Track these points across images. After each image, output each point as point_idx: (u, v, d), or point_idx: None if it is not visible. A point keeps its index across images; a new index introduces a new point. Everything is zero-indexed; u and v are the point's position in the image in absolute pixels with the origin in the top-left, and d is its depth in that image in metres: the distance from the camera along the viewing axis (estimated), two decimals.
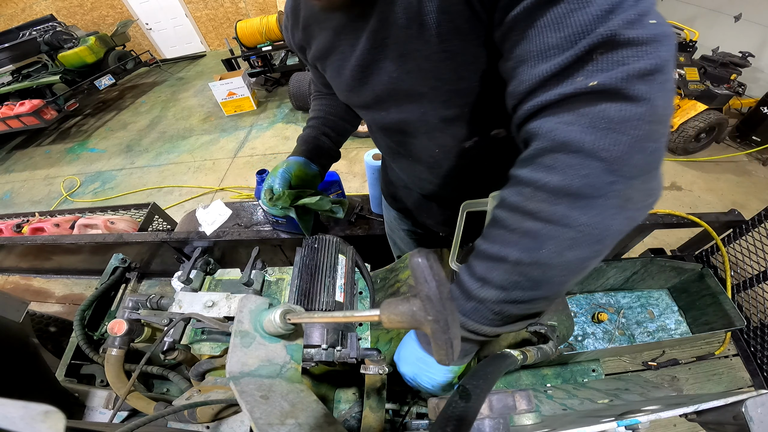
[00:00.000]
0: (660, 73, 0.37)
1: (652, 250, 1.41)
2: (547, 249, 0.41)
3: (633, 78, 0.37)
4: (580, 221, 0.39)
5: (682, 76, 3.18)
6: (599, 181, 0.38)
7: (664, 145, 0.39)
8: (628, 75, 0.37)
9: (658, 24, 0.37)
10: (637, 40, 0.37)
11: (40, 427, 0.24)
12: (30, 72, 5.52)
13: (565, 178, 0.39)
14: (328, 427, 0.44)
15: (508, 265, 0.44)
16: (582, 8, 0.38)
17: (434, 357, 0.32)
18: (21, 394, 0.78)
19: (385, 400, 0.74)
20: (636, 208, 0.40)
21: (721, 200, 2.98)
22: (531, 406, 0.45)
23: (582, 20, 0.38)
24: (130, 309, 0.85)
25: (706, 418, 0.50)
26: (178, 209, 3.47)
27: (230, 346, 0.44)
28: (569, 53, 0.39)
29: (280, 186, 0.79)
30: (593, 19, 0.38)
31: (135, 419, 0.67)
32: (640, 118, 0.37)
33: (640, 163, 0.38)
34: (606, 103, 0.38)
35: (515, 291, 0.45)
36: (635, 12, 0.37)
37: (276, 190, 0.79)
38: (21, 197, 4.23)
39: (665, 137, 0.39)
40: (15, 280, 1.66)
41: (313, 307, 0.77)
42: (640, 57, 0.37)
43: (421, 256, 0.30)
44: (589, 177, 0.38)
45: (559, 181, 0.39)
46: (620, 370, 1.16)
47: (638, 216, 0.41)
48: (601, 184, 0.38)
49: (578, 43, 0.38)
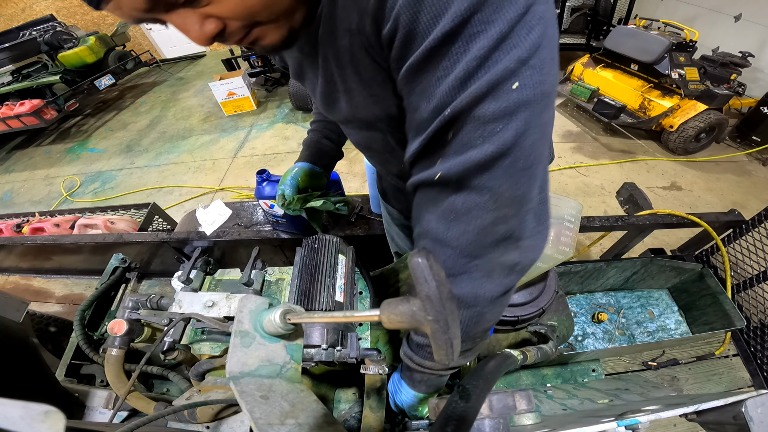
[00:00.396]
0: (504, 157, 0.39)
1: (652, 250, 1.41)
2: None
3: (474, 169, 0.39)
4: (454, 292, 0.45)
5: (682, 76, 3.18)
6: (457, 264, 0.44)
7: (519, 222, 0.43)
8: (469, 166, 0.39)
9: (521, 87, 0.37)
10: (486, 117, 0.38)
11: (40, 427, 0.24)
12: (30, 72, 5.51)
13: None
14: (328, 427, 0.44)
15: None
16: (445, 76, 0.39)
17: (434, 357, 0.32)
18: (21, 394, 0.78)
19: (385, 400, 0.74)
20: (504, 275, 0.46)
21: (721, 200, 2.97)
22: (531, 406, 0.45)
23: (443, 90, 0.39)
24: (130, 309, 0.85)
25: (706, 418, 0.50)
26: (178, 209, 3.47)
27: (230, 346, 0.44)
28: (430, 130, 0.42)
29: (290, 192, 0.90)
30: (451, 90, 0.39)
31: (135, 419, 0.67)
32: (483, 208, 0.40)
33: (491, 244, 0.42)
34: (453, 194, 0.42)
35: None
36: (493, 78, 0.37)
37: (288, 195, 0.90)
38: (21, 197, 4.23)
39: (519, 216, 0.42)
40: (15, 280, 1.66)
41: (313, 307, 0.77)
42: (485, 139, 0.38)
43: (421, 256, 0.30)
44: (447, 261, 0.45)
45: None
46: (620, 370, 1.16)
47: (511, 280, 0.47)
48: (459, 266, 0.44)
49: (437, 118, 0.41)
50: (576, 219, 0.69)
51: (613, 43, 3.65)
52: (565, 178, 3.32)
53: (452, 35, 0.37)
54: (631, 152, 3.55)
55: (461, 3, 0.35)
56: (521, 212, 0.42)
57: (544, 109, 0.40)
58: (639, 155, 3.50)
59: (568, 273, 1.17)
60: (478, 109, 0.37)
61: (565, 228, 0.67)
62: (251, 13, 0.43)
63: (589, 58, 4.02)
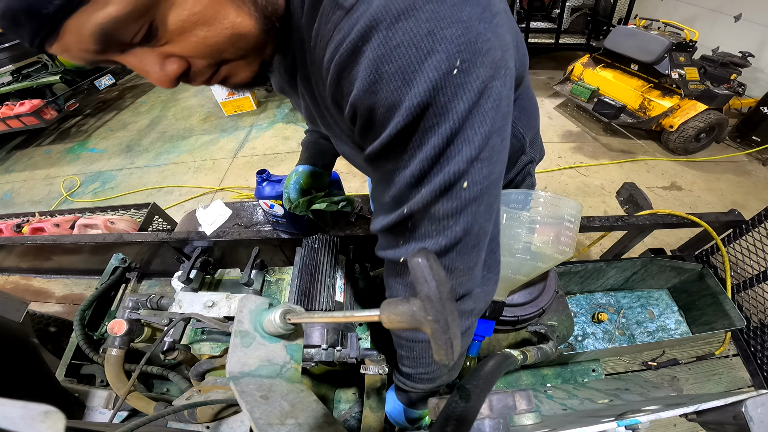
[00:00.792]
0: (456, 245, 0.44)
1: (652, 250, 1.40)
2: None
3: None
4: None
5: (683, 76, 3.18)
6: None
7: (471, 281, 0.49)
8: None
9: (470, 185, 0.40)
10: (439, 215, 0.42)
11: (40, 427, 0.24)
12: (30, 72, 5.50)
13: None
14: (328, 427, 0.44)
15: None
16: (403, 168, 0.41)
17: (434, 357, 0.32)
18: (21, 394, 0.78)
19: (385, 400, 0.74)
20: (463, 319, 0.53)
21: (721, 200, 2.97)
22: (531, 406, 0.45)
23: (401, 184, 0.42)
24: (130, 309, 0.85)
25: (706, 418, 0.50)
26: (178, 209, 3.47)
27: (230, 346, 0.44)
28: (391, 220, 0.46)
29: (295, 195, 0.93)
30: (408, 187, 0.42)
31: (135, 419, 0.67)
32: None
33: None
34: None
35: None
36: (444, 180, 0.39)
37: (293, 199, 0.93)
38: (21, 197, 4.22)
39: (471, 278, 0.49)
40: (15, 280, 1.66)
41: (313, 307, 0.77)
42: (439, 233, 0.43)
43: (421, 256, 0.30)
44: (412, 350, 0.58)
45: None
46: (620, 370, 1.16)
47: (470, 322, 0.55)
48: None
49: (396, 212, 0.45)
50: (576, 219, 0.69)
51: (613, 43, 3.65)
52: (565, 178, 3.32)
53: (406, 129, 0.38)
54: (631, 152, 3.55)
55: (414, 96, 0.35)
56: (473, 275, 0.49)
57: (492, 194, 0.43)
58: (639, 155, 3.50)
59: (568, 273, 1.17)
60: (432, 209, 0.41)
61: (565, 228, 0.67)
62: (216, 51, 0.40)
63: (589, 58, 4.02)
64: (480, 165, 0.39)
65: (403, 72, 0.35)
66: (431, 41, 0.34)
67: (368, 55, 0.35)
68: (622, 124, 3.57)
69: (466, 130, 0.37)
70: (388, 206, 0.46)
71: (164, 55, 0.39)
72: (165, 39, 0.37)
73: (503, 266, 0.66)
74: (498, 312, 0.70)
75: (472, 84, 0.36)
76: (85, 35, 0.33)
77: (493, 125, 0.39)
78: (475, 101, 0.36)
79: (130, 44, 0.37)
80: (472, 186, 0.40)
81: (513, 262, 0.67)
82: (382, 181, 0.46)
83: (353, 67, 0.37)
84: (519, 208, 0.67)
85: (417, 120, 0.37)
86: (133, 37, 0.36)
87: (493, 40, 0.36)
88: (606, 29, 4.55)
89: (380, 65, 0.35)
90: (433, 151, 0.38)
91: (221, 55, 0.41)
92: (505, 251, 0.66)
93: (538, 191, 0.68)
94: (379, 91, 0.36)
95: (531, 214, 0.67)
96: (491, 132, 0.39)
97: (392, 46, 0.34)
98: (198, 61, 0.41)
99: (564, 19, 4.66)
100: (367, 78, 0.36)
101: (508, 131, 0.43)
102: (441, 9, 0.34)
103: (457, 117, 0.36)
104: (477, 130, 0.38)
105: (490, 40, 0.36)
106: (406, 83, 0.35)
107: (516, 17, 4.71)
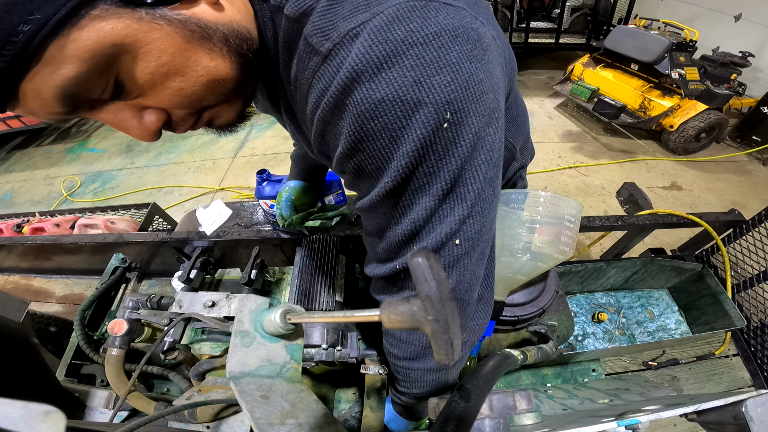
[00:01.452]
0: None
1: (652, 250, 1.40)
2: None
3: None
4: None
5: (683, 75, 3.18)
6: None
7: (464, 318, 0.48)
8: None
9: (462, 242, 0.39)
10: None
11: (41, 427, 0.24)
12: None
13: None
14: (328, 427, 0.44)
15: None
16: (395, 225, 0.40)
17: (435, 357, 0.32)
18: (21, 394, 0.78)
19: (385, 400, 0.74)
20: None
21: (721, 200, 2.97)
22: (531, 406, 0.45)
23: (393, 240, 0.41)
24: (130, 309, 0.85)
25: (706, 418, 0.50)
26: (178, 209, 3.47)
27: (230, 346, 0.44)
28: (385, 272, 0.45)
29: (288, 213, 0.94)
30: (399, 244, 0.41)
31: (135, 419, 0.67)
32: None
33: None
34: None
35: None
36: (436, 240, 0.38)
37: (286, 216, 0.94)
38: (21, 197, 4.22)
39: (464, 316, 0.48)
40: (15, 280, 1.66)
41: (313, 307, 0.77)
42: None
43: (421, 256, 0.30)
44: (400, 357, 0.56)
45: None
46: (620, 370, 1.16)
47: (463, 353, 0.55)
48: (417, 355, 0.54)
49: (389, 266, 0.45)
50: (576, 219, 0.69)
51: (613, 43, 3.64)
52: (565, 177, 3.32)
53: (396, 191, 0.36)
54: (631, 152, 3.55)
55: (402, 158, 0.33)
56: (467, 313, 0.48)
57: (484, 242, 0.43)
58: (639, 155, 3.50)
59: (568, 273, 1.17)
60: None
61: (565, 228, 0.67)
62: (195, 100, 0.37)
63: (589, 58, 4.02)
64: (472, 221, 0.38)
65: (389, 129, 0.32)
66: (418, 92, 0.31)
67: (351, 111, 0.32)
68: (622, 124, 3.57)
69: (458, 189, 0.36)
70: (380, 257, 0.46)
71: (140, 107, 0.36)
72: (136, 92, 0.34)
73: (503, 266, 0.66)
74: (498, 312, 0.70)
75: (465, 137, 0.33)
76: (47, 98, 0.31)
77: (486, 177, 0.37)
78: (467, 156, 0.34)
79: (99, 101, 0.34)
80: (464, 242, 0.39)
81: (513, 262, 0.67)
82: (373, 234, 0.45)
83: (337, 122, 0.35)
84: (519, 207, 0.67)
85: (406, 180, 0.35)
86: (100, 94, 0.33)
87: (486, 82, 0.33)
88: (606, 29, 4.54)
89: (365, 123, 0.32)
90: (424, 212, 0.36)
91: (201, 103, 0.39)
92: (505, 251, 0.66)
93: (538, 191, 0.68)
94: (366, 149, 0.34)
95: (531, 214, 0.67)
96: (484, 186, 0.37)
97: (376, 101, 0.31)
98: (177, 111, 0.38)
99: (564, 18, 4.66)
100: (352, 136, 0.34)
101: (499, 178, 0.41)
102: (427, 53, 0.30)
103: (448, 177, 0.34)
104: (470, 188, 0.36)
105: (482, 82, 0.33)
106: (394, 142, 0.33)
107: (516, 17, 4.71)
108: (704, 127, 3.19)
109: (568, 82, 4.14)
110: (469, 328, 0.52)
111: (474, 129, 0.33)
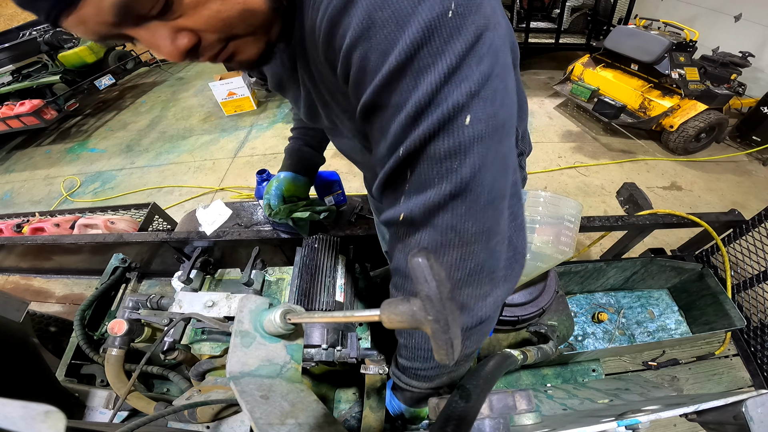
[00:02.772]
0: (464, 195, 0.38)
1: (652, 250, 1.40)
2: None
3: (435, 209, 0.39)
4: None
5: (683, 75, 3.18)
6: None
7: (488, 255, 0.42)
8: (429, 207, 0.39)
9: (473, 121, 0.36)
10: (440, 155, 0.37)
11: (41, 427, 0.24)
12: (30, 72, 5.50)
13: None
14: (328, 427, 0.44)
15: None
16: (397, 113, 0.38)
17: (435, 357, 0.32)
18: (21, 394, 0.78)
19: (385, 400, 0.74)
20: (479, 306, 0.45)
21: (721, 200, 2.97)
22: (531, 406, 0.45)
23: (396, 129, 0.39)
24: (130, 309, 0.85)
25: (706, 418, 0.50)
26: (178, 209, 3.47)
27: (230, 346, 0.44)
28: (387, 169, 0.42)
29: (276, 202, 0.94)
30: (403, 128, 0.38)
31: (135, 419, 0.67)
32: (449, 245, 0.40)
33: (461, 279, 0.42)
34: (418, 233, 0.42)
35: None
36: (443, 114, 0.36)
37: (273, 206, 0.94)
38: (21, 197, 4.22)
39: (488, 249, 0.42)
40: (15, 280, 1.66)
41: (313, 307, 0.77)
42: (442, 177, 0.38)
43: (421, 256, 0.30)
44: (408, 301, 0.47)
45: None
46: (620, 370, 1.16)
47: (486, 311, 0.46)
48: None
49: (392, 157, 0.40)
50: (576, 219, 0.69)
51: (613, 43, 3.65)
52: (565, 178, 3.32)
53: (401, 70, 0.36)
54: (631, 152, 3.55)
55: (408, 37, 0.34)
56: (490, 246, 0.42)
57: (501, 141, 0.39)
58: (639, 155, 3.50)
59: (568, 273, 1.17)
60: (431, 147, 0.37)
61: (565, 228, 0.67)
62: (227, 25, 0.41)
63: (589, 58, 4.02)
64: (482, 103, 0.37)
65: (396, 16, 0.34)
66: None
67: (360, 5, 0.35)
68: (622, 124, 3.57)
69: (463, 68, 0.36)
70: (385, 158, 0.42)
71: (176, 29, 0.39)
72: (179, 12, 0.38)
73: None
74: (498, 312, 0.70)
75: (468, 28, 0.35)
76: (105, 7, 0.34)
77: (492, 68, 0.37)
78: (472, 43, 0.35)
79: (146, 17, 0.37)
80: (476, 122, 0.36)
81: None
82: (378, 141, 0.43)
83: (345, 19, 0.36)
84: None
85: (411, 60, 0.35)
86: (149, 9, 0.36)
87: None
88: (606, 29, 4.55)
89: (373, 12, 0.35)
90: (429, 87, 0.36)
91: (231, 30, 0.42)
92: None
93: (538, 191, 0.68)
94: (373, 36, 0.35)
95: (531, 214, 0.67)
96: (490, 73, 0.37)
97: None
98: (209, 35, 0.41)
99: (564, 19, 4.66)
100: (360, 25, 0.35)
101: (511, 81, 0.41)
102: None
103: (454, 55, 0.35)
104: (475, 68, 0.36)
105: None
106: (400, 26, 0.34)
107: (516, 17, 4.72)
108: (704, 127, 3.19)
109: (568, 82, 4.14)
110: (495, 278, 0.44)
111: (476, 24, 0.36)
